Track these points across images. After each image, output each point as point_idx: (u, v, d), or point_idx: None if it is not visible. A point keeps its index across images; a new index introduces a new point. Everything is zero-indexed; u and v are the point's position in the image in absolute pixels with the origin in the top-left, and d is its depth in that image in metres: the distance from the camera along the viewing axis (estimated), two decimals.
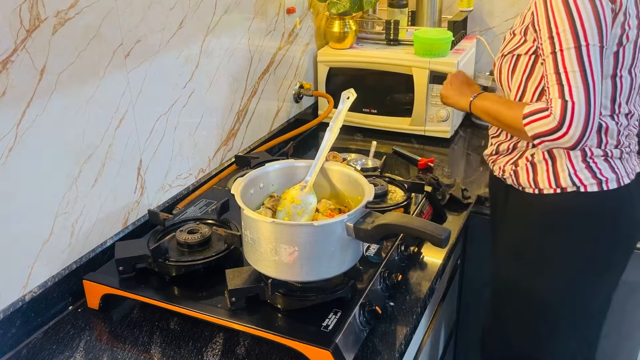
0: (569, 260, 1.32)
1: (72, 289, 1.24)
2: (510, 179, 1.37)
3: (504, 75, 1.32)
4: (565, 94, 1.13)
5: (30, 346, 1.13)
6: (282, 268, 1.05)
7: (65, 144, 1.17)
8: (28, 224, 1.13)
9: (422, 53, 1.93)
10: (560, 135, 1.14)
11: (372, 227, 1.02)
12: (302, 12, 1.99)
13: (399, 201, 1.44)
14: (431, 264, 1.35)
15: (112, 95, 1.27)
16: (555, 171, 1.28)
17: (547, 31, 1.16)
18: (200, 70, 1.53)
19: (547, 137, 1.16)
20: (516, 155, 1.35)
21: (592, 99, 1.12)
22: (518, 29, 1.28)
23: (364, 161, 1.73)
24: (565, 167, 1.27)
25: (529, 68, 1.26)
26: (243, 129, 1.78)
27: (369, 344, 1.10)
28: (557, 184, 1.28)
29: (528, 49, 1.25)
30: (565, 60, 1.14)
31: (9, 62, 1.03)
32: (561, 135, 1.14)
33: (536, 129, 1.17)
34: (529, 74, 1.27)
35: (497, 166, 1.42)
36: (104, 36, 1.22)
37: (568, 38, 1.13)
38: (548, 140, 1.17)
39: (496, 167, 1.42)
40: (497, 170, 1.41)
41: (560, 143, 1.16)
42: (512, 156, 1.36)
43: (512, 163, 1.36)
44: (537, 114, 1.17)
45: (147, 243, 1.23)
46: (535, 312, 1.39)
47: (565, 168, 1.27)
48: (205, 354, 1.09)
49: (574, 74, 1.13)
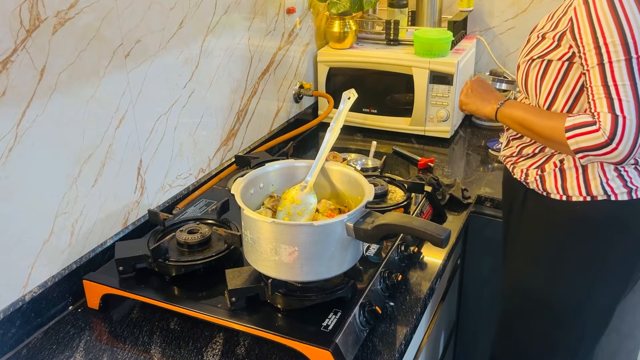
0: (594, 268, 1.28)
1: (72, 289, 1.24)
2: (534, 183, 1.31)
3: (532, 80, 1.27)
4: (615, 107, 1.08)
5: (30, 346, 1.13)
6: (282, 268, 1.05)
7: (65, 144, 1.17)
8: (28, 224, 1.13)
9: (422, 53, 1.93)
10: (609, 151, 1.10)
11: (372, 227, 1.02)
12: (302, 12, 1.99)
13: (399, 201, 1.44)
14: (431, 264, 1.35)
15: (112, 95, 1.27)
16: (586, 179, 1.23)
17: (592, 41, 1.11)
18: (200, 70, 1.53)
19: (594, 151, 1.12)
20: (542, 159, 1.30)
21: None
22: (550, 34, 1.22)
23: (364, 161, 1.73)
24: (597, 175, 1.23)
25: (561, 75, 1.21)
26: (243, 129, 1.78)
27: (369, 344, 1.10)
28: (587, 192, 1.24)
29: (562, 55, 1.20)
30: (615, 72, 1.09)
31: (9, 62, 1.03)
32: (610, 150, 1.10)
33: (582, 143, 1.12)
34: (561, 81, 1.21)
35: (518, 169, 1.36)
36: (104, 36, 1.22)
37: (618, 50, 1.08)
38: (594, 154, 1.13)
39: (517, 170, 1.36)
40: (519, 173, 1.36)
41: (607, 158, 1.12)
42: (537, 160, 1.31)
43: (537, 167, 1.31)
44: (583, 128, 1.12)
45: (147, 243, 1.23)
46: (551, 319, 1.36)
47: (597, 176, 1.23)
48: (205, 354, 1.09)
49: (625, 87, 1.08)
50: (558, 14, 1.23)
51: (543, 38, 1.24)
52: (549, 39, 1.22)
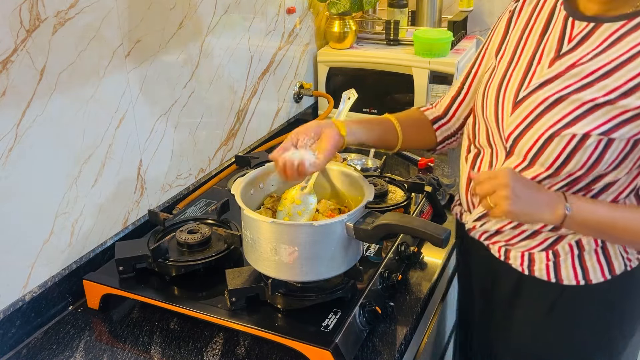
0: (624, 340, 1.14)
1: (72, 289, 1.24)
2: (544, 271, 1.07)
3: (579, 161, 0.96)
4: None
5: (30, 346, 1.13)
6: (282, 268, 1.05)
7: (65, 144, 1.17)
8: (28, 224, 1.13)
9: (422, 53, 1.93)
10: None
11: (372, 227, 1.02)
12: (302, 12, 1.99)
13: (399, 201, 1.44)
14: (431, 264, 1.35)
15: (112, 95, 1.27)
16: (608, 258, 1.05)
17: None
18: (200, 70, 1.53)
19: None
20: (549, 238, 1.06)
21: None
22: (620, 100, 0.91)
23: (364, 161, 1.73)
24: (618, 251, 1.06)
25: (626, 150, 0.95)
26: (243, 129, 1.78)
27: (369, 344, 1.10)
28: (610, 272, 1.06)
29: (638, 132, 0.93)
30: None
31: (9, 62, 1.03)
32: None
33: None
34: (625, 156, 0.96)
35: (515, 252, 1.10)
36: (104, 36, 1.22)
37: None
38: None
39: (513, 254, 1.10)
40: (517, 258, 1.10)
41: None
42: (542, 240, 1.06)
43: (545, 250, 1.06)
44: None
45: (147, 243, 1.23)
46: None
47: (619, 253, 1.06)
48: (205, 354, 1.09)
49: None
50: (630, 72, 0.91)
51: (598, 107, 0.93)
52: (617, 109, 0.92)
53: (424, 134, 1.27)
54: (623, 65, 0.91)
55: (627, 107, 0.91)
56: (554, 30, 1.01)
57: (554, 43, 1.00)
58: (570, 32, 0.98)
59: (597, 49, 0.94)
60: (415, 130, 1.25)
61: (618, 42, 0.92)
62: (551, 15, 1.03)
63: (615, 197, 1.01)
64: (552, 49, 1.00)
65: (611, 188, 1.00)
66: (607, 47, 0.93)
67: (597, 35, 0.95)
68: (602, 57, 0.94)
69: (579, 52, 0.96)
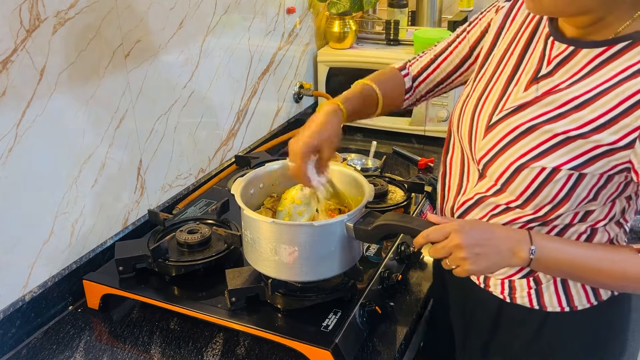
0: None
1: (72, 289, 1.24)
2: (525, 298, 1.03)
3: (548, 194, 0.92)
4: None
5: (30, 346, 1.13)
6: (282, 268, 1.05)
7: (65, 144, 1.17)
8: (28, 224, 1.13)
9: None
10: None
11: (372, 227, 1.02)
12: (302, 12, 1.99)
13: (399, 201, 1.44)
14: (431, 264, 1.35)
15: (112, 95, 1.27)
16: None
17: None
18: (200, 70, 1.53)
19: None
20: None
21: None
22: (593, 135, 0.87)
23: (364, 161, 1.73)
24: None
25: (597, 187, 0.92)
26: (243, 129, 1.78)
27: (369, 344, 1.10)
28: (596, 298, 1.02)
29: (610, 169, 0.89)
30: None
31: (9, 62, 1.03)
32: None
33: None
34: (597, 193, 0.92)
35: (494, 280, 1.06)
36: (104, 36, 1.22)
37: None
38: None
39: (493, 282, 1.06)
40: (497, 287, 1.06)
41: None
42: (520, 268, 1.02)
43: (525, 277, 1.02)
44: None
45: (147, 243, 1.23)
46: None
47: None
48: (205, 354, 1.09)
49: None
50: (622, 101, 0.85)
51: (570, 140, 0.88)
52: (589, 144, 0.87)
53: (396, 101, 1.26)
54: (599, 97, 0.86)
55: (599, 143, 0.86)
56: (535, 49, 0.97)
57: (534, 63, 0.96)
58: (549, 53, 0.94)
59: (574, 77, 0.90)
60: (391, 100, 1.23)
61: (596, 70, 0.88)
62: (534, 31, 0.98)
63: (593, 224, 0.97)
64: (531, 70, 0.96)
65: (589, 217, 0.96)
66: (585, 75, 0.89)
67: (575, 61, 0.90)
68: (578, 85, 0.89)
69: (557, 78, 0.92)
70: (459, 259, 0.90)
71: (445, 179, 1.13)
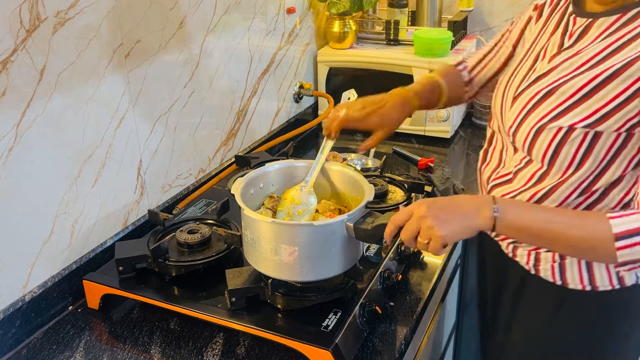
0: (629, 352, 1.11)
1: (72, 289, 1.24)
2: (549, 271, 1.07)
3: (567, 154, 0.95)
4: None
5: (30, 346, 1.13)
6: (282, 268, 1.05)
7: (65, 144, 1.17)
8: (28, 224, 1.13)
9: (422, 53, 1.93)
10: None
11: (372, 227, 1.02)
12: (302, 12, 1.99)
13: (399, 201, 1.44)
14: (431, 264, 1.35)
15: (112, 95, 1.27)
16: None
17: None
18: (200, 70, 1.53)
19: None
20: None
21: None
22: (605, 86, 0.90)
23: (364, 161, 1.73)
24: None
25: (616, 147, 0.93)
26: (243, 129, 1.78)
27: (369, 344, 1.10)
28: (619, 282, 1.03)
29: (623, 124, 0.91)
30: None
31: (9, 62, 1.03)
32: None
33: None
34: (616, 154, 0.94)
35: (522, 251, 1.10)
36: (104, 36, 1.22)
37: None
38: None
39: (520, 252, 1.10)
40: (523, 256, 1.10)
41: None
42: None
43: (551, 251, 1.05)
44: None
45: (147, 243, 1.23)
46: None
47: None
48: (205, 354, 1.09)
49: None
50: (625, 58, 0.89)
51: (586, 97, 0.92)
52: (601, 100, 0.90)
53: (458, 93, 1.33)
54: (614, 54, 0.91)
55: (611, 95, 0.89)
56: (558, 27, 1.04)
57: (557, 39, 1.02)
58: (571, 28, 1.00)
59: (593, 43, 0.95)
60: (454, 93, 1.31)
61: (613, 34, 0.92)
62: (562, 16, 1.04)
63: (622, 197, 0.98)
64: (555, 45, 1.02)
65: (615, 188, 0.98)
66: (602, 40, 0.94)
67: (593, 30, 0.96)
68: (595, 46, 0.94)
69: (577, 47, 0.97)
70: (428, 229, 0.91)
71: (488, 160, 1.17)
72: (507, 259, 1.14)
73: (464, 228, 0.92)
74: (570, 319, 1.09)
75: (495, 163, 1.14)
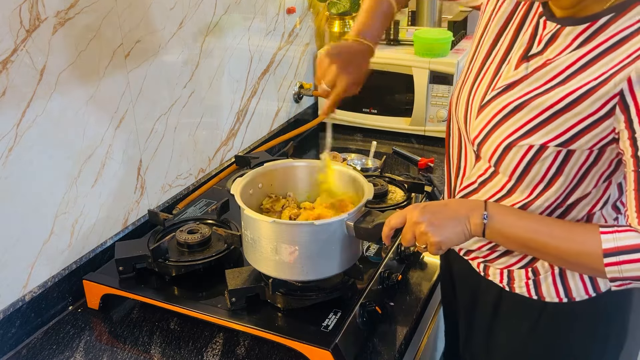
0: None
1: (72, 289, 1.24)
2: (524, 288, 1.04)
3: (538, 172, 0.93)
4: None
5: (30, 346, 1.13)
6: (283, 267, 1.05)
7: (65, 144, 1.17)
8: (28, 224, 1.13)
9: (422, 53, 1.93)
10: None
11: (372, 225, 1.02)
12: (302, 12, 1.99)
13: (399, 201, 1.44)
14: (431, 264, 1.35)
15: (112, 95, 1.27)
16: (592, 277, 0.99)
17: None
18: (200, 70, 1.53)
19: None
20: (526, 258, 1.02)
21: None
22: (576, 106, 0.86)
23: (364, 161, 1.73)
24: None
25: (588, 163, 0.91)
26: (243, 129, 1.78)
27: (369, 344, 1.10)
28: (595, 289, 1.00)
29: (596, 143, 0.88)
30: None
31: (9, 62, 1.03)
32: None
33: (631, 272, 0.85)
34: (587, 170, 0.91)
35: (494, 269, 1.07)
36: (104, 36, 1.22)
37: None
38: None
39: (493, 271, 1.07)
40: (496, 275, 1.07)
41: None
42: (520, 257, 1.03)
43: (524, 267, 1.03)
44: (636, 253, 0.84)
45: (147, 243, 1.23)
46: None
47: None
48: (205, 354, 1.09)
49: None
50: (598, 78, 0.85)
51: (557, 115, 0.89)
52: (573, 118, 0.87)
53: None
54: (584, 69, 0.87)
55: (582, 115, 0.86)
56: (527, 29, 0.97)
57: (524, 42, 0.96)
58: (541, 32, 0.94)
59: (563, 52, 0.90)
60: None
61: (584, 45, 0.88)
62: (527, 12, 0.98)
63: (589, 210, 0.97)
64: (521, 49, 0.96)
65: (582, 201, 0.96)
66: (573, 50, 0.89)
67: (561, 39, 0.91)
68: (565, 58, 0.89)
69: (546, 55, 0.92)
70: (422, 235, 0.92)
71: (450, 161, 1.13)
72: (479, 278, 1.10)
73: (458, 234, 0.92)
74: (550, 331, 1.06)
75: (455, 165, 1.10)
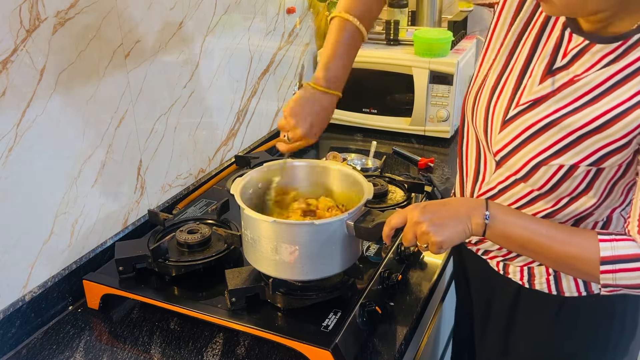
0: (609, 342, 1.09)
1: (72, 289, 1.24)
2: (544, 284, 1.05)
3: (568, 187, 0.94)
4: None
5: (30, 346, 1.13)
6: (283, 267, 1.05)
7: (65, 144, 1.17)
8: (28, 224, 1.13)
9: (422, 53, 1.93)
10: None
11: (372, 225, 1.02)
12: (302, 12, 1.99)
13: (399, 201, 1.44)
14: (431, 264, 1.35)
15: (112, 95, 1.27)
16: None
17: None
18: (200, 70, 1.53)
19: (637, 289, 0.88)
20: None
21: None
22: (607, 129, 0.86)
23: (364, 161, 1.73)
24: None
25: (617, 176, 0.93)
26: (243, 129, 1.78)
27: (369, 344, 1.10)
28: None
29: (624, 159, 0.89)
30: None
31: (9, 62, 1.03)
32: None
33: (624, 280, 0.86)
34: (616, 182, 0.93)
35: (514, 267, 1.08)
36: (104, 36, 1.22)
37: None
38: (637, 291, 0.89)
39: (512, 269, 1.08)
40: (516, 272, 1.08)
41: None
42: None
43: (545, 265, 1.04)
44: (630, 262, 0.85)
45: (147, 243, 1.23)
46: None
47: None
48: (205, 354, 1.09)
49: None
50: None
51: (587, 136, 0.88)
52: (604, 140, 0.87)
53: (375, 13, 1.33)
54: (615, 89, 0.86)
55: (612, 138, 0.86)
56: (550, 38, 0.94)
57: (547, 53, 0.94)
58: (566, 45, 0.92)
59: (591, 69, 0.89)
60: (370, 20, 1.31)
61: (613, 63, 0.87)
62: (548, 18, 0.95)
63: (609, 213, 0.98)
64: (544, 61, 0.94)
65: (604, 203, 0.97)
66: (602, 67, 0.88)
67: (592, 53, 0.89)
68: (594, 76, 0.88)
69: (572, 71, 0.91)
70: (423, 234, 0.91)
71: (463, 166, 1.13)
72: (497, 277, 1.11)
73: (459, 233, 0.92)
74: (571, 324, 1.07)
75: (473, 170, 1.09)
